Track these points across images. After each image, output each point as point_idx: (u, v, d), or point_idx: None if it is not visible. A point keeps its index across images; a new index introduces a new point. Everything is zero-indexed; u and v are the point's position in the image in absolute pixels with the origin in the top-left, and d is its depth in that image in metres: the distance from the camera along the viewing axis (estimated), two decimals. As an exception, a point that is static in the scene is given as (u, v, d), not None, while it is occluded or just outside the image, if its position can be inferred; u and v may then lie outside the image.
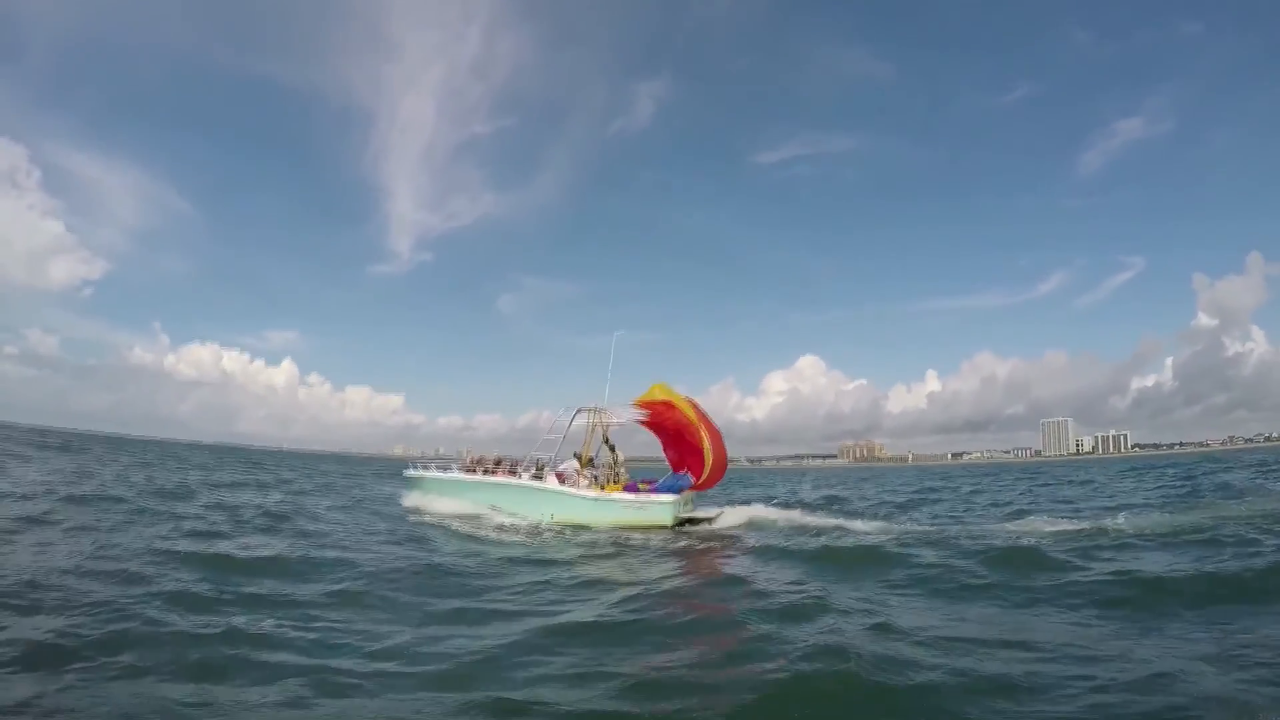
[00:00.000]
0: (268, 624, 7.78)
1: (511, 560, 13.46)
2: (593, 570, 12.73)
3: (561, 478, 20.78)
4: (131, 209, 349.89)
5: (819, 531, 17.00)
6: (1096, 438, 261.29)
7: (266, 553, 12.29)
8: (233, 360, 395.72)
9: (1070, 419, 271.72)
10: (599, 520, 19.34)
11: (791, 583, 10.77)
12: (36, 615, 7.47)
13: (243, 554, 12.04)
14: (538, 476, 20.92)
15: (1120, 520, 16.27)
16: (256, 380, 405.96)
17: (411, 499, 22.79)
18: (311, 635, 7.50)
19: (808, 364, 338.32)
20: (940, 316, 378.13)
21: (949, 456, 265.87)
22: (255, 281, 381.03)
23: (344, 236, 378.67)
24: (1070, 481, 41.84)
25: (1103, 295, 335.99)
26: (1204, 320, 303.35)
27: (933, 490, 37.75)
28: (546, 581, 11.29)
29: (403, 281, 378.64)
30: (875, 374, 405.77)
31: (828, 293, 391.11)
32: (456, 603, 9.47)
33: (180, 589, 9.02)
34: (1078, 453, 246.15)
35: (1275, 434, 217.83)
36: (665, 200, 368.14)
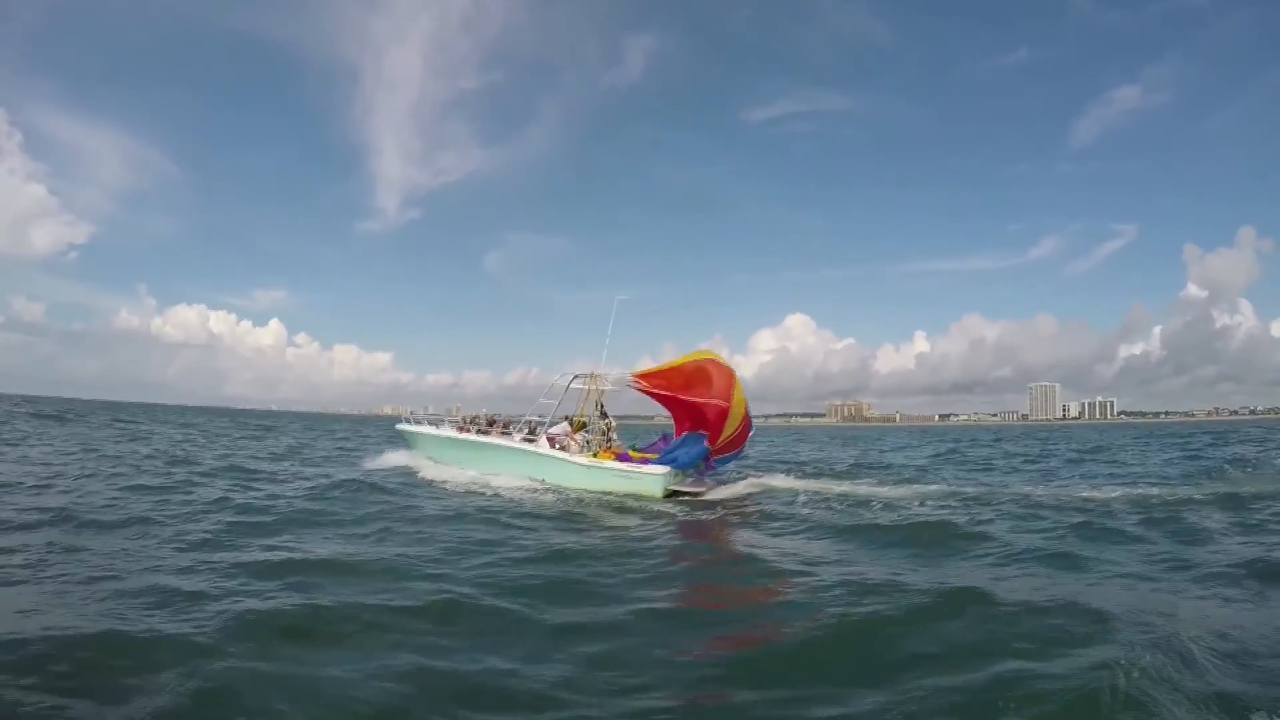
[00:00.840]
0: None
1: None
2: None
3: (553, 440, 20.38)
4: (115, 171, 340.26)
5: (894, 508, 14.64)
6: (1084, 404, 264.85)
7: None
8: (220, 321, 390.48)
9: (1058, 384, 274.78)
10: (589, 486, 18.95)
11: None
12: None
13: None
14: (530, 439, 20.56)
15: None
16: (244, 341, 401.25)
17: (400, 456, 22.55)
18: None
19: (797, 322, 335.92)
20: (930, 278, 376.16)
21: (936, 418, 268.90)
22: (241, 241, 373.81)
23: (331, 194, 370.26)
24: (1079, 449, 41.10)
25: (1094, 262, 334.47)
26: (1194, 291, 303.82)
27: (953, 452, 38.01)
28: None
29: (390, 239, 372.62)
30: (864, 334, 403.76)
31: (819, 251, 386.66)
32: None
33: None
34: (1064, 417, 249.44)
35: (1260, 408, 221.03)
36: (656, 156, 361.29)
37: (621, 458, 19.89)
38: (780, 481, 20.58)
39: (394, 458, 22.72)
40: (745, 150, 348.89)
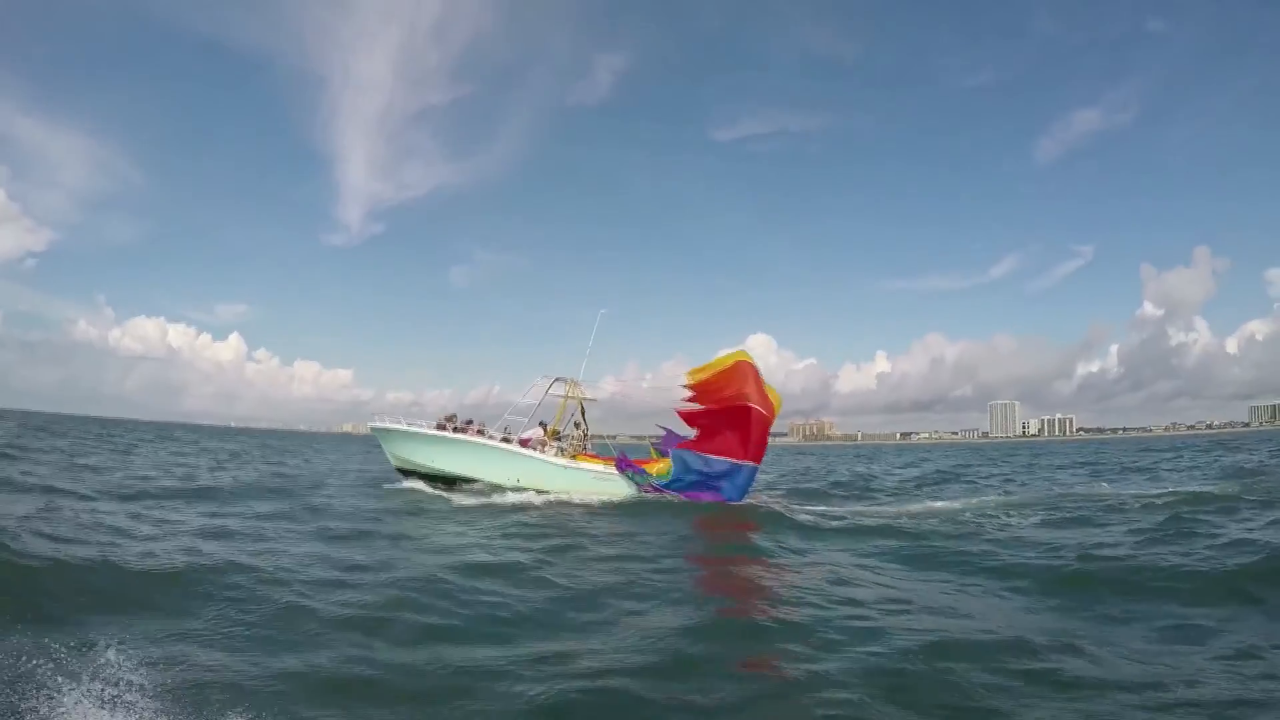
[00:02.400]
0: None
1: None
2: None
3: (526, 444, 20.45)
4: (77, 176, 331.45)
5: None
6: (1043, 420, 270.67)
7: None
8: (179, 334, 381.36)
9: (1017, 402, 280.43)
10: (565, 487, 19.24)
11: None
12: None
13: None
14: (506, 440, 20.52)
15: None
16: (203, 355, 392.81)
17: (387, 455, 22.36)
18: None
19: (758, 342, 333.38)
20: (891, 297, 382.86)
21: (898, 436, 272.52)
22: (203, 252, 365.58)
23: (294, 206, 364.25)
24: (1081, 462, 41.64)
25: (1053, 281, 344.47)
26: (1150, 310, 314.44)
27: (963, 468, 38.03)
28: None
29: (354, 253, 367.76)
30: (825, 354, 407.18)
31: (782, 271, 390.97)
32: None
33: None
34: (1024, 435, 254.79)
35: (1217, 422, 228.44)
36: (623, 173, 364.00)
37: (622, 463, 19.93)
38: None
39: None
40: (711, 168, 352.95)
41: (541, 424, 21.43)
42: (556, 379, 21.64)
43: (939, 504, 19.05)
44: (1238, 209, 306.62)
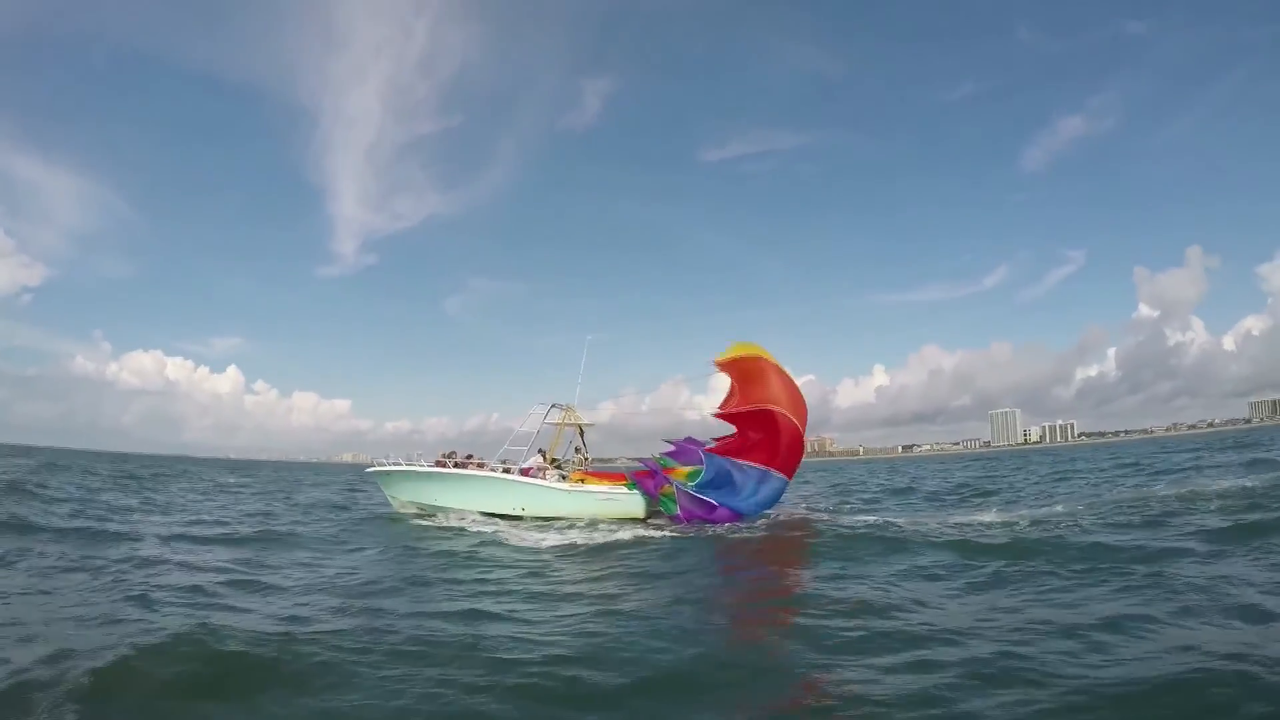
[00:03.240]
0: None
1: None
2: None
3: (527, 473, 20.51)
4: (72, 212, 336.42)
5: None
6: (1044, 427, 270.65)
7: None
8: (176, 368, 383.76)
9: (1018, 409, 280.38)
10: (571, 511, 19.26)
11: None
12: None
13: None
14: (506, 471, 20.63)
15: None
16: (201, 388, 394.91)
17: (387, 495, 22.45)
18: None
19: None
20: (886, 311, 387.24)
21: (899, 449, 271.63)
22: (199, 286, 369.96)
23: (288, 239, 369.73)
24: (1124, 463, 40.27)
25: (1046, 288, 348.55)
26: (1145, 311, 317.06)
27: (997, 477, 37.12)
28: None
29: (348, 284, 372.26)
30: (823, 369, 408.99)
31: (776, 289, 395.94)
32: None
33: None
34: (1025, 442, 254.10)
35: (1217, 420, 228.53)
36: (613, 197, 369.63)
37: (653, 473, 19.54)
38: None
39: None
40: (702, 190, 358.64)
41: (540, 451, 21.53)
42: (553, 405, 21.83)
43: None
44: (1226, 207, 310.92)
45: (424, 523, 19.16)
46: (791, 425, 18.70)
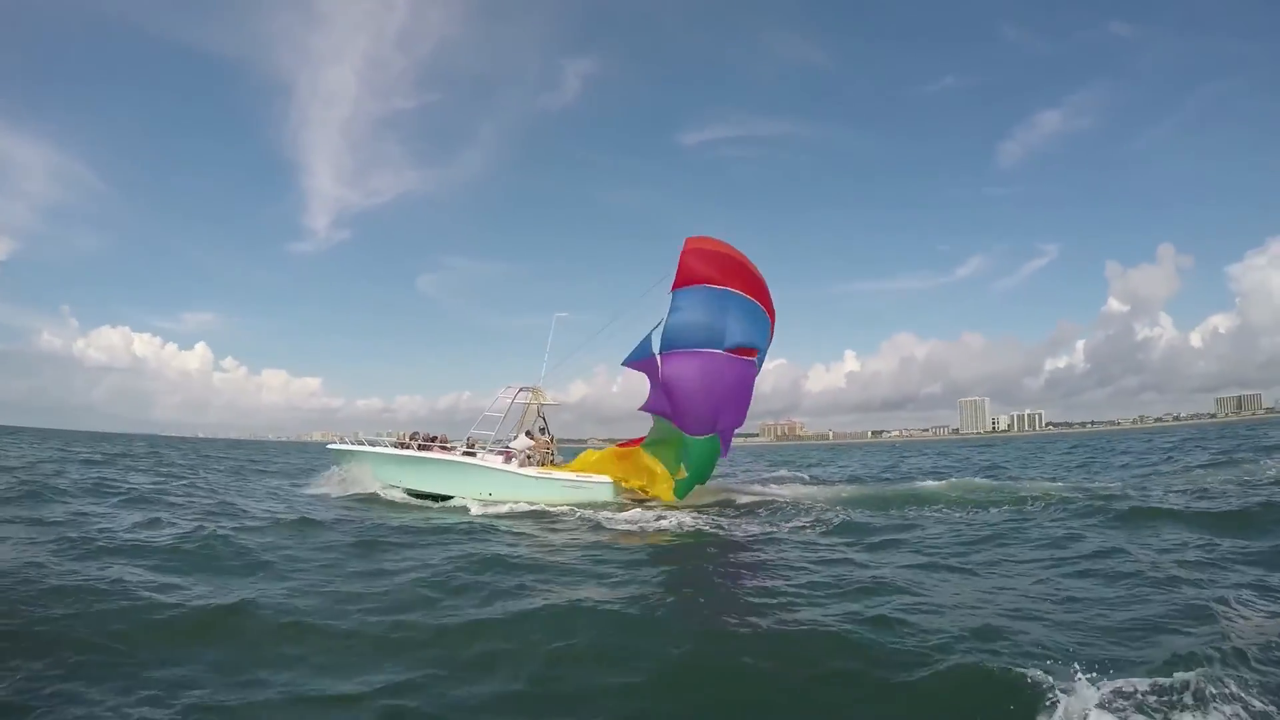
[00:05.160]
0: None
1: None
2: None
3: (509, 456, 20.32)
4: (39, 184, 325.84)
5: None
6: (1013, 416, 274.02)
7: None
8: (145, 344, 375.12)
9: (987, 398, 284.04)
10: (538, 498, 18.96)
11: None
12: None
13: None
14: (470, 454, 20.33)
15: None
16: (170, 365, 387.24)
17: (331, 478, 21.87)
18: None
19: None
20: (860, 299, 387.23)
21: (869, 434, 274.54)
22: (168, 260, 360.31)
23: (261, 213, 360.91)
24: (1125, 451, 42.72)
25: (1019, 280, 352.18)
26: (1115, 306, 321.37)
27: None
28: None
29: (321, 260, 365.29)
30: (795, 354, 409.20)
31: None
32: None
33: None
34: (994, 430, 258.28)
35: (1183, 414, 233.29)
36: (594, 179, 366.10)
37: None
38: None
39: None
40: (682, 174, 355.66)
41: (528, 432, 21.34)
42: (521, 388, 21.67)
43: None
44: (1200, 209, 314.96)
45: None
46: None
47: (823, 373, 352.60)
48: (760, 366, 19.38)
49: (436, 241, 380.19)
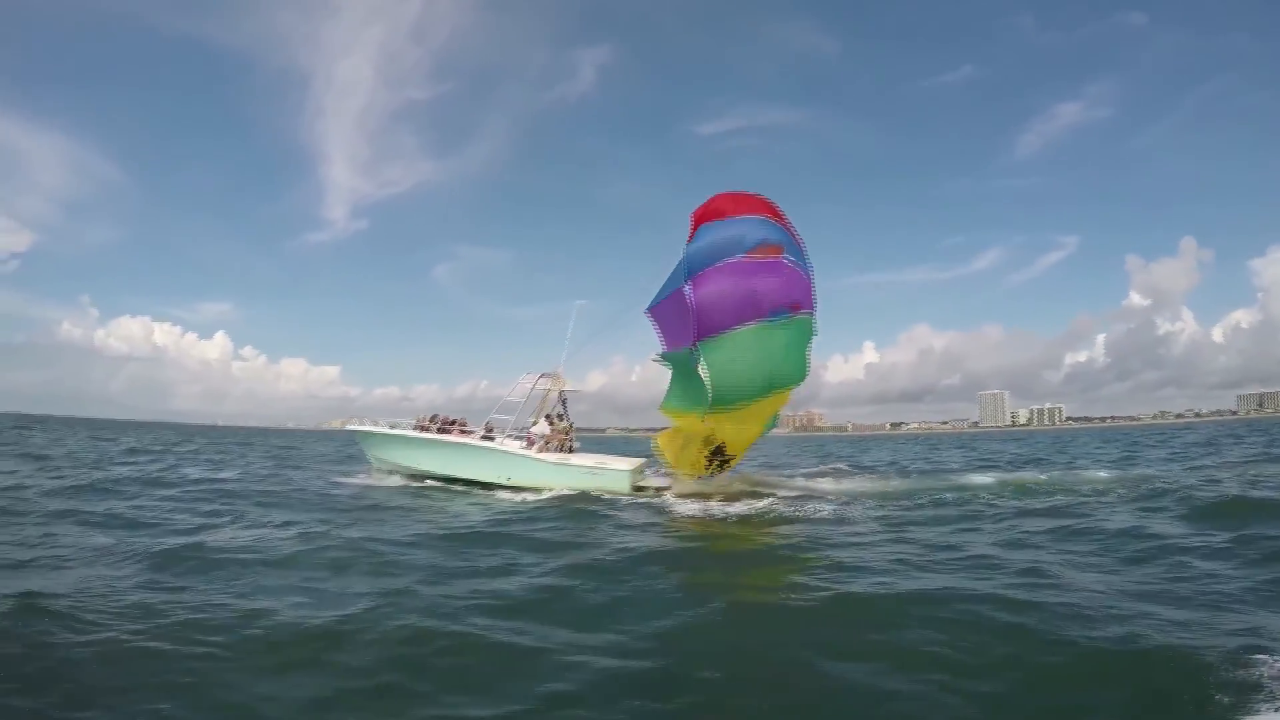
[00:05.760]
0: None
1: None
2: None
3: (530, 441, 20.15)
4: (58, 176, 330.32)
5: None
6: (1032, 410, 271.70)
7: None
8: (164, 333, 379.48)
9: (1006, 391, 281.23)
10: (555, 484, 18.75)
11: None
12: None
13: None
14: (488, 438, 20.26)
15: None
16: (189, 354, 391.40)
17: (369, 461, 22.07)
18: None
19: None
20: (877, 290, 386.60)
21: (888, 426, 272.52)
22: (187, 251, 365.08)
23: (278, 204, 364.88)
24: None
25: (1037, 272, 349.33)
26: (1136, 300, 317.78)
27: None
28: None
29: (338, 250, 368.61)
30: (815, 344, 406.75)
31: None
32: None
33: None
34: (1013, 424, 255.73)
35: (1205, 410, 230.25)
36: (604, 169, 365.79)
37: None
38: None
39: None
40: (691, 164, 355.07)
41: (547, 416, 21.09)
42: (542, 375, 21.41)
43: None
44: (1222, 202, 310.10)
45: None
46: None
47: (841, 364, 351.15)
48: (799, 267, 16.69)
49: (451, 231, 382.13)
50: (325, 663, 5.55)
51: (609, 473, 19.03)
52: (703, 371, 16.23)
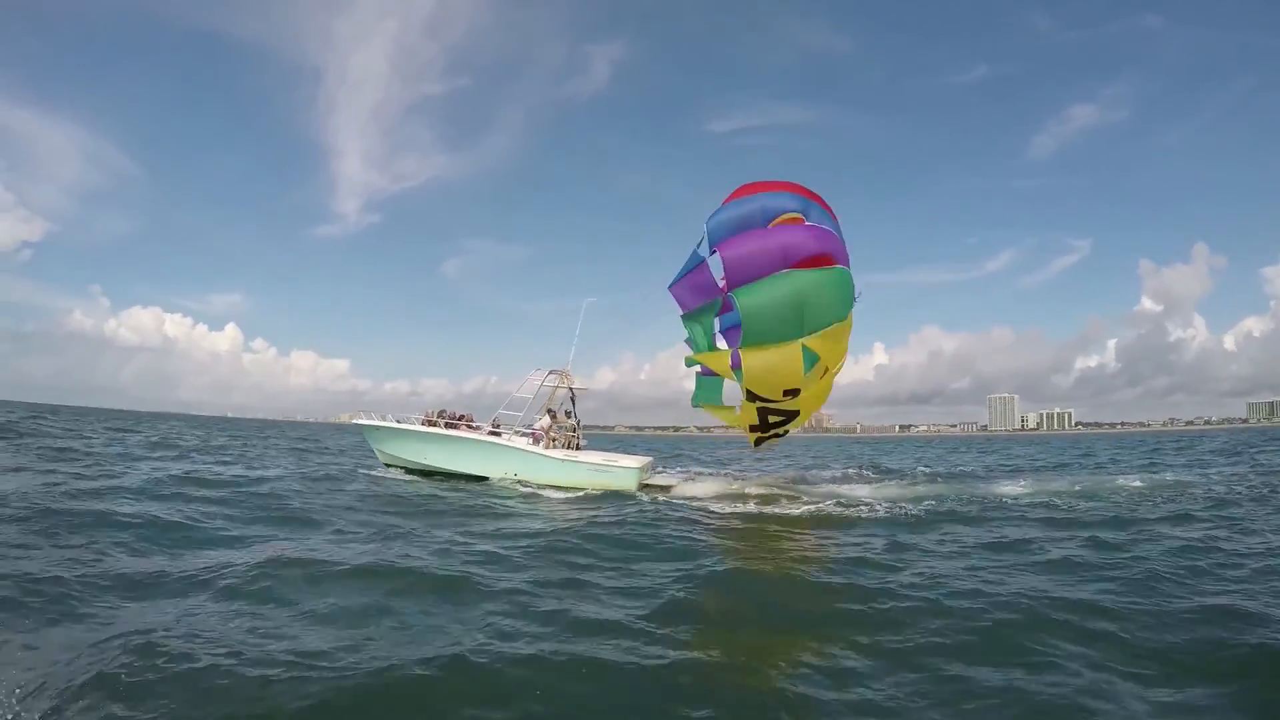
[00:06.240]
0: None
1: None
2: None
3: (536, 437, 20.03)
4: (74, 167, 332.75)
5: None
6: (1042, 414, 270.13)
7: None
8: (175, 325, 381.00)
9: (1016, 395, 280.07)
10: (562, 481, 18.70)
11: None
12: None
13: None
14: (495, 433, 20.11)
15: None
16: (199, 345, 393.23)
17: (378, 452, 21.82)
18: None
19: None
20: (888, 290, 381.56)
21: (896, 428, 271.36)
22: (199, 242, 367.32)
23: (291, 196, 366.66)
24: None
25: (1049, 275, 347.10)
26: (1148, 305, 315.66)
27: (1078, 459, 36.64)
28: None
29: (350, 244, 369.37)
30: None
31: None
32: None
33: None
34: (1023, 428, 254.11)
35: (1215, 418, 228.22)
36: (616, 164, 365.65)
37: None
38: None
39: None
40: (705, 161, 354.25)
41: (550, 411, 20.95)
42: (551, 371, 21.22)
43: None
44: (1235, 208, 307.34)
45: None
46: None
47: (850, 365, 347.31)
48: (830, 228, 15.98)
49: (463, 225, 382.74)
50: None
51: (616, 470, 18.91)
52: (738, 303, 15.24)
